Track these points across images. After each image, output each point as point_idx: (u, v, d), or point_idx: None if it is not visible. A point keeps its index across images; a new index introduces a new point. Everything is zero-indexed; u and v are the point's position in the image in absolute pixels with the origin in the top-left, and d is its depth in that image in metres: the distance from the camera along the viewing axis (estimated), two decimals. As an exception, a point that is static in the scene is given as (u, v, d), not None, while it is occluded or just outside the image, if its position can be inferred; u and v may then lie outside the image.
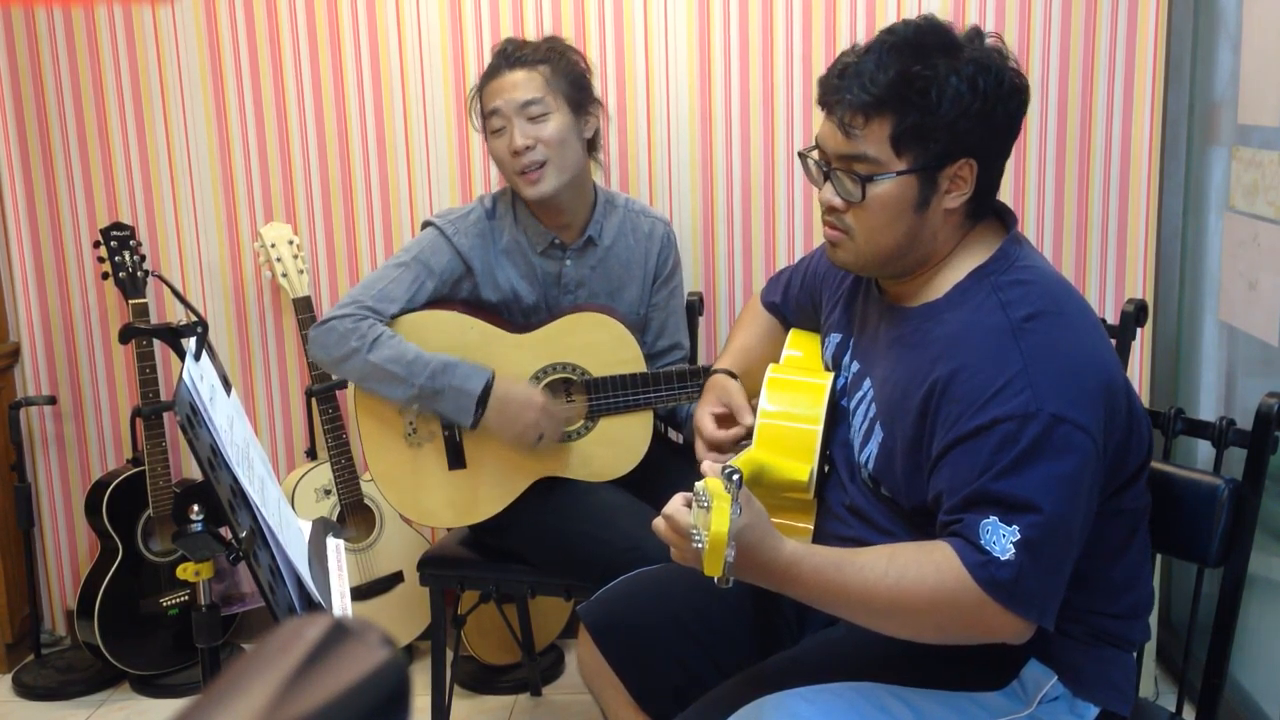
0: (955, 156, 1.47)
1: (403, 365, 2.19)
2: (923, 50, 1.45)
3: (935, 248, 1.53)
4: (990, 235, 1.56)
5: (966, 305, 1.49)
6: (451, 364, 2.20)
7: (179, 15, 2.84)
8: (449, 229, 2.30)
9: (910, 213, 1.49)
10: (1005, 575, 1.34)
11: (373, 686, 0.59)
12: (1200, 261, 2.71)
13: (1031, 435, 1.36)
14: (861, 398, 1.62)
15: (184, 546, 1.44)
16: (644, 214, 2.47)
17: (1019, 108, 1.51)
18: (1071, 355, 1.42)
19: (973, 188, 1.49)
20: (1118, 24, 2.70)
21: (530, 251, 2.33)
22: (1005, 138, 1.51)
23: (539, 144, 2.22)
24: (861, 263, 1.57)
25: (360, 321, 2.21)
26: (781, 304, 1.95)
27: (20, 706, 2.87)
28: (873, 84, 1.44)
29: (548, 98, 2.24)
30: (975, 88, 1.44)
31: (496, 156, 2.28)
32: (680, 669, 1.71)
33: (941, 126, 1.44)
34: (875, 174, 1.47)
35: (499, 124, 2.25)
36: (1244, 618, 1.67)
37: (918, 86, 1.43)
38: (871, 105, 1.45)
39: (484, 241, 2.31)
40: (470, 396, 2.18)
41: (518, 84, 2.24)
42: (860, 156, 1.47)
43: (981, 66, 1.45)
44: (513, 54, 2.28)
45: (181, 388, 1.29)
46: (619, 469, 2.30)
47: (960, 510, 1.39)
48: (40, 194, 2.95)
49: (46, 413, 3.05)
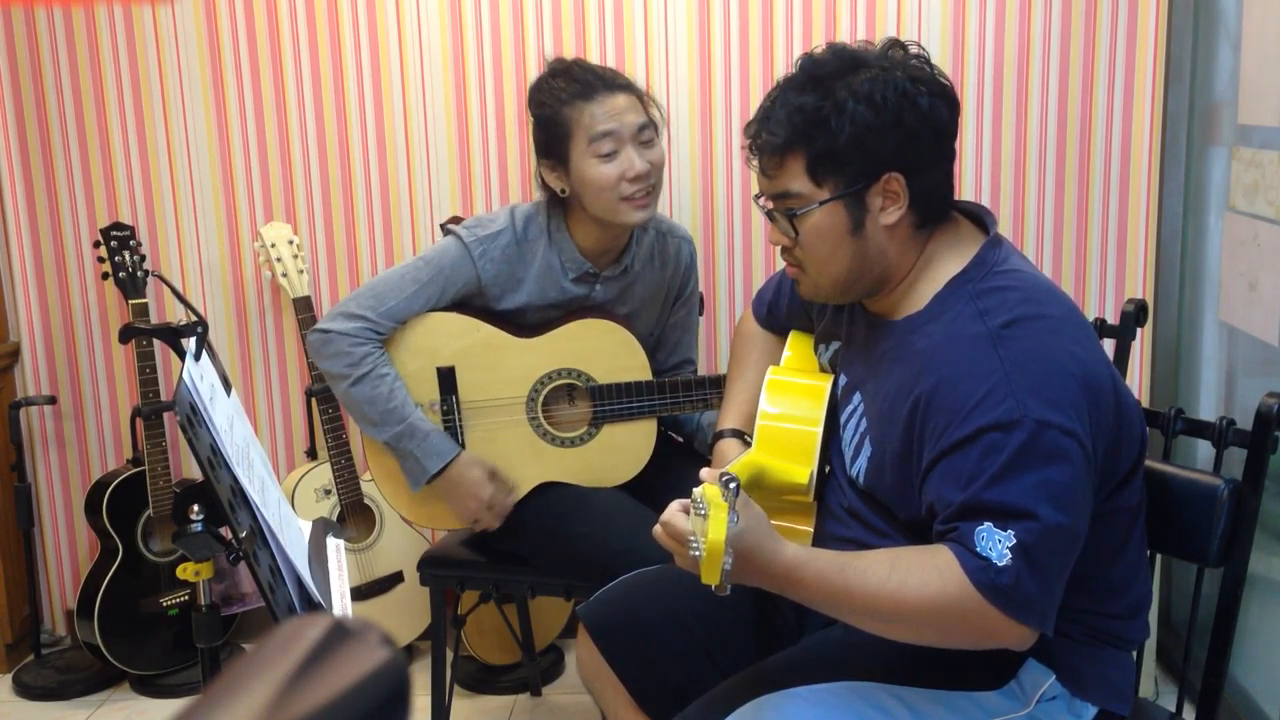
0: (876, 174, 1.49)
1: (378, 412, 2.18)
2: (820, 81, 1.50)
3: (891, 263, 1.54)
4: (967, 240, 1.56)
5: (946, 315, 1.49)
6: (422, 433, 2.19)
7: (179, 15, 2.84)
8: (475, 249, 2.21)
9: (848, 237, 1.52)
10: (1004, 580, 1.34)
11: (373, 686, 0.59)
12: (1200, 261, 2.71)
13: (1017, 442, 1.36)
14: (852, 411, 1.62)
15: (184, 546, 1.44)
16: (671, 234, 2.40)
17: (935, 111, 1.50)
18: (1052, 359, 1.41)
19: (907, 199, 1.50)
20: (1118, 24, 2.70)
21: (562, 277, 2.26)
22: (929, 143, 1.51)
23: (653, 169, 2.17)
24: (822, 293, 1.61)
25: (357, 347, 2.17)
26: (775, 311, 1.95)
27: (20, 706, 2.87)
28: (777, 125, 1.51)
29: (652, 125, 2.18)
30: (874, 104, 1.46)
31: (600, 181, 2.13)
32: (680, 669, 1.71)
33: (850, 149, 1.47)
34: (801, 208, 1.52)
35: (611, 147, 2.13)
36: (1244, 618, 1.67)
37: (816, 118, 1.48)
38: (781, 145, 1.51)
39: (510, 267, 2.23)
40: (426, 474, 2.20)
41: (629, 108, 2.15)
42: (785, 194, 1.53)
43: (879, 81, 1.47)
44: (610, 78, 2.19)
45: (181, 388, 1.29)
46: (620, 476, 2.29)
47: (954, 520, 1.39)
48: (40, 194, 2.95)
49: (46, 413, 3.05)
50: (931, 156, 1.52)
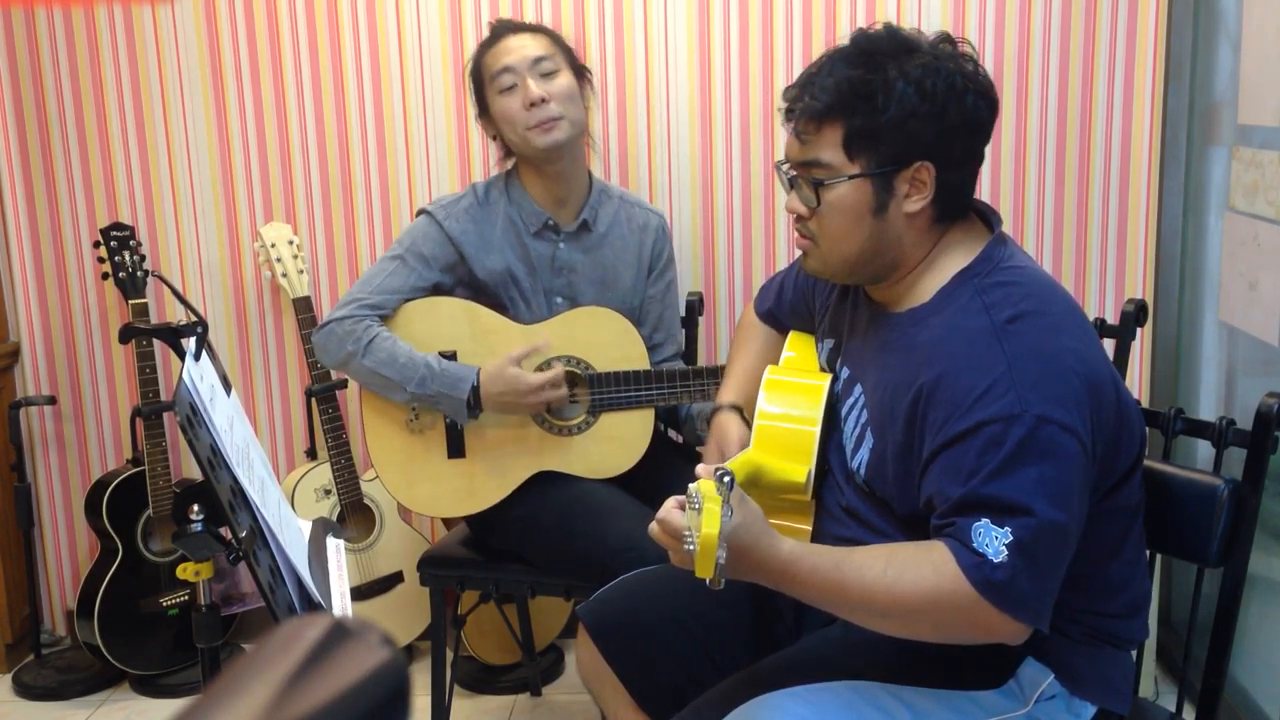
0: (909, 160, 1.48)
1: (395, 369, 2.22)
2: (873, 56, 1.49)
3: (904, 252, 1.54)
4: (974, 237, 1.56)
5: (950, 309, 1.50)
6: (438, 369, 2.22)
7: (179, 15, 2.84)
8: (440, 214, 2.33)
9: (869, 217, 1.51)
10: (999, 576, 1.35)
11: (373, 686, 0.59)
12: (1200, 261, 2.71)
13: (1017, 437, 1.36)
14: (853, 404, 1.63)
15: (184, 546, 1.44)
16: (639, 206, 2.49)
17: (975, 111, 1.50)
18: (1056, 356, 1.41)
19: (933, 191, 1.50)
20: (1118, 24, 2.70)
21: (524, 232, 2.34)
22: (965, 141, 1.51)
23: (553, 98, 2.26)
24: (830, 269, 1.60)
25: (357, 324, 2.24)
26: (776, 310, 1.95)
27: (20, 706, 2.87)
28: (822, 91, 1.49)
29: (555, 56, 2.30)
30: (923, 90, 1.46)
31: (507, 115, 2.28)
32: (680, 669, 1.71)
33: (890, 129, 1.47)
34: (829, 179, 1.51)
35: (510, 81, 2.27)
36: (1244, 618, 1.67)
37: (863, 91, 1.47)
38: (821, 111, 1.49)
39: (476, 226, 2.33)
40: (460, 402, 2.21)
41: (526, 44, 2.29)
42: (815, 162, 1.52)
43: (931, 70, 1.47)
44: (514, 23, 2.36)
45: (181, 388, 1.29)
46: (619, 466, 2.30)
47: (952, 514, 1.40)
48: (40, 194, 2.95)
49: (46, 413, 3.05)
50: (964, 154, 1.52)
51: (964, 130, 1.50)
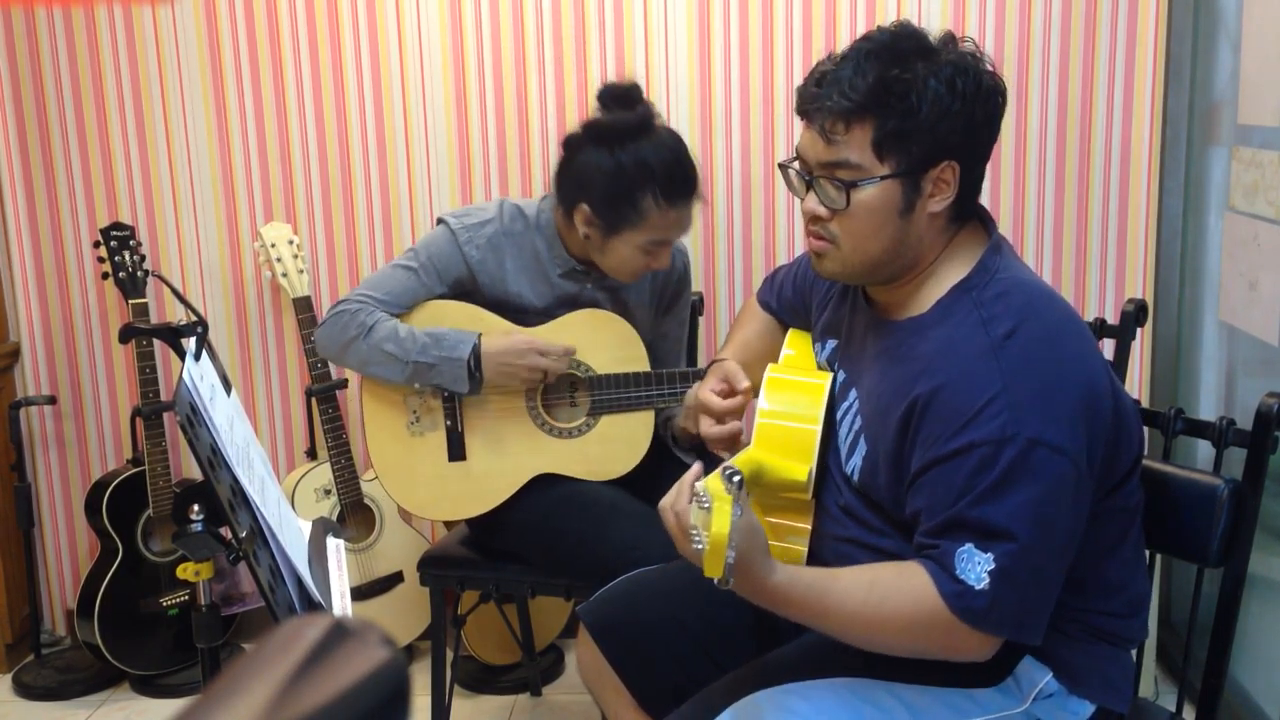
0: (937, 159, 1.47)
1: (396, 343, 2.22)
2: (900, 55, 1.46)
3: (922, 252, 1.53)
4: (973, 243, 1.55)
5: (950, 322, 1.49)
6: (438, 335, 2.22)
7: (179, 15, 2.84)
8: (462, 235, 2.28)
9: (895, 218, 1.49)
10: (980, 604, 1.37)
11: (373, 686, 0.59)
12: (1200, 261, 2.71)
13: (1008, 460, 1.36)
14: (848, 408, 1.62)
15: (184, 546, 1.44)
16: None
17: (997, 109, 1.51)
18: (1052, 370, 1.41)
19: (956, 190, 1.49)
20: (1118, 24, 2.70)
21: (550, 270, 2.30)
22: (985, 139, 1.52)
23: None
24: (849, 271, 1.56)
25: (360, 312, 2.24)
26: (775, 305, 1.95)
27: (20, 706, 2.87)
28: (852, 90, 1.44)
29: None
30: (954, 89, 1.45)
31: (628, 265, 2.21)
32: (680, 669, 1.71)
33: (923, 129, 1.44)
34: (859, 180, 1.47)
35: (659, 248, 2.20)
36: (1244, 618, 1.67)
37: (898, 90, 1.44)
38: (852, 111, 1.45)
39: (496, 255, 2.28)
40: (460, 363, 2.20)
41: (690, 217, 2.23)
42: (843, 163, 1.47)
43: (959, 69, 1.46)
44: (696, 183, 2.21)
45: (181, 388, 1.29)
46: (618, 468, 2.30)
47: (937, 535, 1.41)
48: (40, 194, 2.95)
49: (46, 413, 3.05)
50: (984, 152, 1.53)
51: (986, 129, 1.51)
